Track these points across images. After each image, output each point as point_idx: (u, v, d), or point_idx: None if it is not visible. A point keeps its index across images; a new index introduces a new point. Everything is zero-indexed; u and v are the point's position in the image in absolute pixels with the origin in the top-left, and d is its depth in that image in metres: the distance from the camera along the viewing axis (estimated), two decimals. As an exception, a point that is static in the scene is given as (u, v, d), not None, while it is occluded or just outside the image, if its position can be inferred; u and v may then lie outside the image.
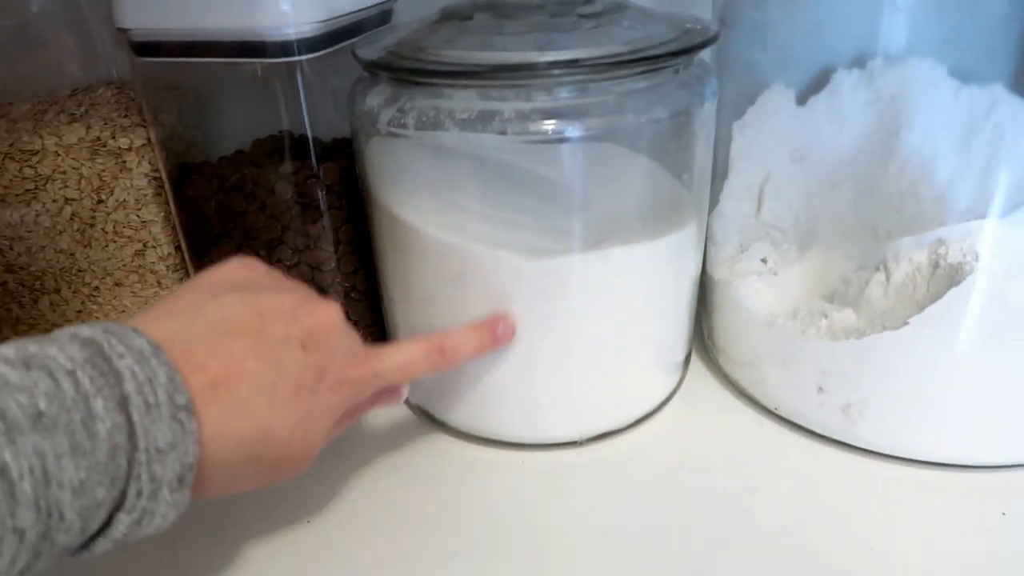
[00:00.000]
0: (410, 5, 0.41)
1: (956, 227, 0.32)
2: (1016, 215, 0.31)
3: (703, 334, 0.42)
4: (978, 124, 0.35)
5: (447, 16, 0.34)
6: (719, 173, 0.40)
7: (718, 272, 0.40)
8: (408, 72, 0.31)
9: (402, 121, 0.31)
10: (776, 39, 0.38)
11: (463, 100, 0.30)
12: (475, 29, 0.32)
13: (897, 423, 0.33)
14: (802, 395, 0.35)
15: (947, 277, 0.31)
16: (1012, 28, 0.35)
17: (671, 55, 0.31)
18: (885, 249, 0.34)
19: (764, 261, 0.40)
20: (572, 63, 0.29)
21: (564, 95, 0.30)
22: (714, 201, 0.40)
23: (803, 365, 0.34)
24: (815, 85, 0.38)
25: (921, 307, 0.31)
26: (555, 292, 0.32)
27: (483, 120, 0.30)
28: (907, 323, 0.31)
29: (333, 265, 0.39)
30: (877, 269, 0.34)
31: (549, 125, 0.30)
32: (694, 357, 0.42)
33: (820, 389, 0.34)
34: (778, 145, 0.40)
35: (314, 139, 0.37)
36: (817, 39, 0.38)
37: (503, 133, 0.30)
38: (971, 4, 0.35)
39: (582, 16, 0.32)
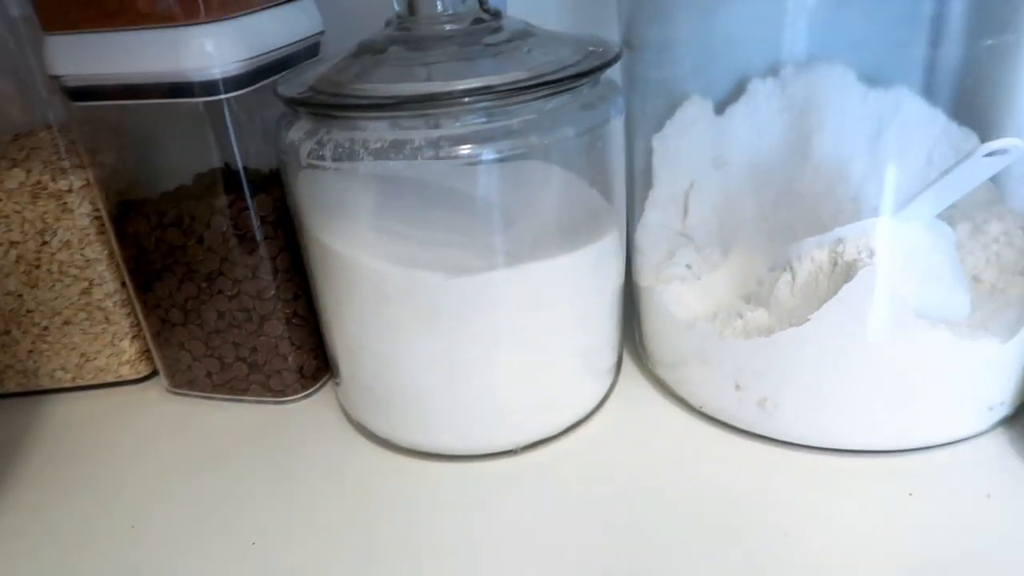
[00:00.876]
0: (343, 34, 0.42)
1: (854, 225, 0.34)
2: (906, 211, 0.33)
3: (635, 338, 0.43)
4: (885, 125, 0.37)
5: (363, 50, 0.35)
6: (643, 184, 0.42)
7: (644, 279, 0.41)
8: (323, 107, 0.32)
9: (320, 153, 0.32)
10: (687, 55, 0.40)
11: (376, 131, 0.32)
12: (388, 62, 0.34)
13: (808, 414, 0.34)
14: (722, 392, 0.36)
15: (844, 274, 0.33)
16: (915, 32, 0.37)
17: (573, 77, 0.33)
18: (791, 250, 0.36)
19: (689, 267, 0.42)
20: (477, 91, 0.31)
21: (473, 121, 0.32)
22: (639, 211, 0.42)
23: (721, 364, 0.36)
24: (733, 94, 0.40)
25: (822, 304, 0.33)
26: (477, 308, 0.34)
27: (395, 148, 0.31)
28: (808, 319, 0.33)
29: (273, 293, 0.40)
30: (785, 269, 0.36)
31: (459, 150, 0.31)
32: (627, 361, 0.43)
33: (737, 386, 0.36)
34: (699, 154, 0.41)
35: (249, 172, 0.39)
36: (729, 51, 0.40)
37: (414, 159, 0.31)
38: (875, 11, 0.37)
39: (488, 45, 0.34)
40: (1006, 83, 0.36)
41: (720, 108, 0.40)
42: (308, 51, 0.43)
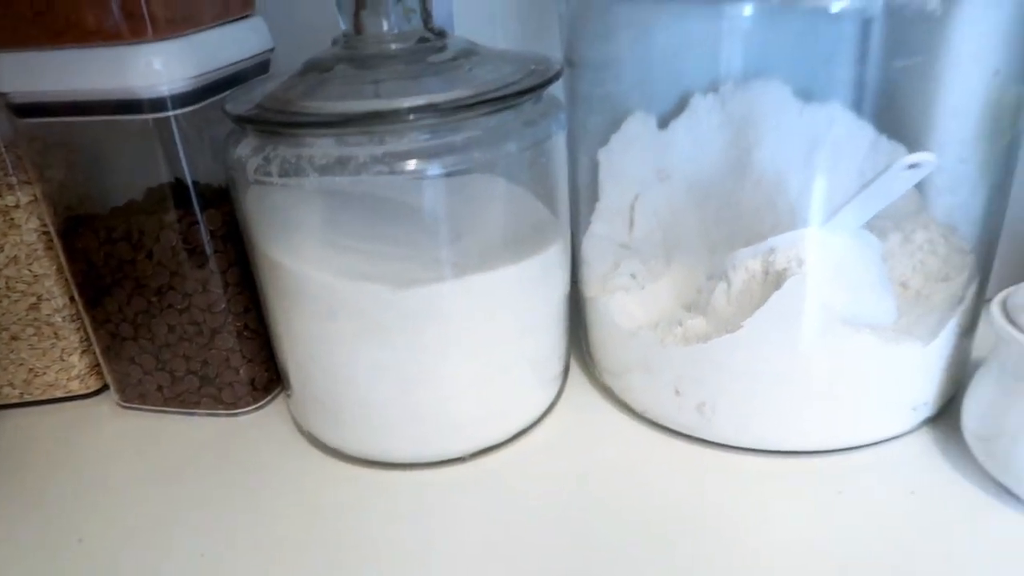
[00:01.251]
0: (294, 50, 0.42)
1: (785, 236, 0.36)
2: (833, 222, 0.35)
3: (582, 347, 0.45)
4: (819, 140, 0.38)
5: (310, 68, 0.36)
6: (588, 197, 0.43)
7: (590, 290, 0.42)
8: (269, 124, 0.33)
9: (267, 169, 0.33)
10: (628, 72, 0.41)
11: (321, 148, 0.32)
12: (334, 80, 0.34)
13: (743, 418, 0.36)
14: (663, 398, 0.38)
15: (774, 283, 0.34)
16: (841, 52, 0.38)
17: (515, 95, 0.34)
18: (728, 259, 0.37)
19: (633, 276, 0.43)
20: (421, 109, 0.32)
21: (418, 137, 0.33)
22: (585, 223, 0.43)
23: (662, 371, 0.37)
24: (676, 109, 0.41)
25: (755, 311, 0.34)
26: (425, 319, 0.35)
27: (341, 165, 0.32)
28: (741, 326, 0.34)
29: (223, 306, 0.41)
30: (722, 278, 0.37)
31: (404, 166, 0.32)
32: (575, 368, 0.44)
33: (677, 392, 0.37)
34: (644, 167, 0.43)
35: (199, 186, 0.39)
36: (670, 69, 0.41)
37: (359, 175, 0.32)
38: (803, 31, 0.38)
39: (433, 64, 0.35)
40: (924, 101, 0.37)
41: (663, 122, 0.41)
42: (258, 68, 0.43)
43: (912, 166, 0.32)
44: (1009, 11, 0.32)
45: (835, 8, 0.32)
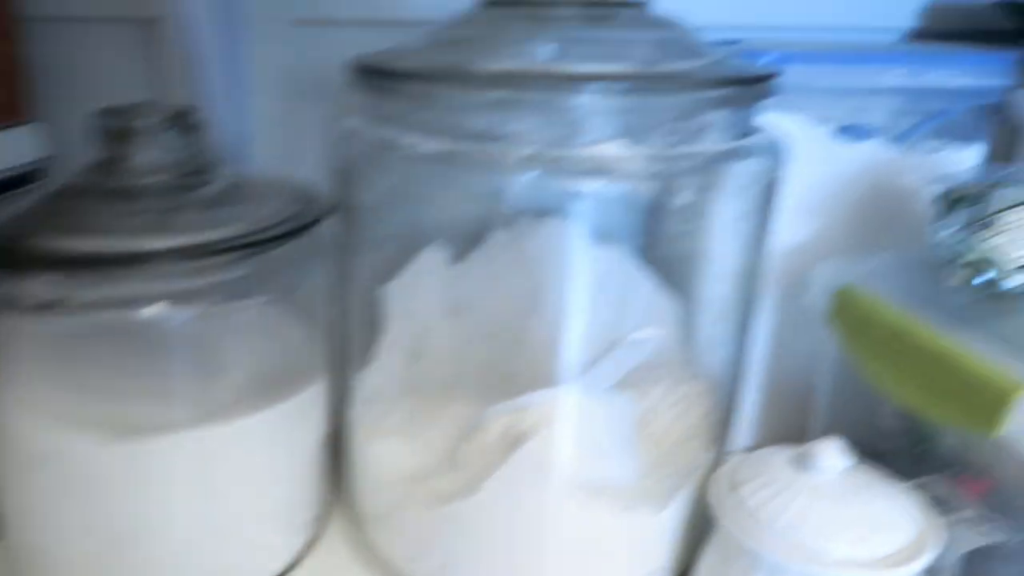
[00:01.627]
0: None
1: (535, 394, 0.36)
2: (581, 381, 0.36)
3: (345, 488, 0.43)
4: (604, 285, 0.39)
5: (60, 194, 0.34)
6: (367, 334, 0.42)
7: (357, 432, 0.41)
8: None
9: (-16, 302, 0.31)
10: (414, 214, 0.42)
11: (45, 284, 0.31)
12: (74, 212, 0.33)
13: (479, 582, 0.35)
14: (408, 555, 0.37)
15: (517, 442, 0.35)
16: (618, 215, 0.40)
17: (271, 240, 0.33)
18: (483, 414, 0.37)
19: (409, 417, 0.42)
20: (159, 254, 0.30)
21: (155, 282, 0.31)
22: (361, 361, 0.42)
23: (408, 526, 0.36)
24: (472, 242, 0.42)
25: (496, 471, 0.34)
26: (145, 472, 0.32)
27: (63, 304, 0.30)
28: (481, 488, 0.34)
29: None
30: (476, 434, 0.37)
31: (135, 311, 0.31)
32: (339, 512, 0.42)
33: (420, 550, 0.36)
34: (435, 301, 0.43)
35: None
36: (459, 209, 0.42)
37: (86, 315, 0.30)
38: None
39: (190, 201, 0.34)
40: (688, 264, 0.40)
41: (458, 256, 0.42)
42: (28, 176, 0.41)
43: (642, 339, 0.34)
44: (733, 204, 0.35)
45: (584, 189, 0.34)
